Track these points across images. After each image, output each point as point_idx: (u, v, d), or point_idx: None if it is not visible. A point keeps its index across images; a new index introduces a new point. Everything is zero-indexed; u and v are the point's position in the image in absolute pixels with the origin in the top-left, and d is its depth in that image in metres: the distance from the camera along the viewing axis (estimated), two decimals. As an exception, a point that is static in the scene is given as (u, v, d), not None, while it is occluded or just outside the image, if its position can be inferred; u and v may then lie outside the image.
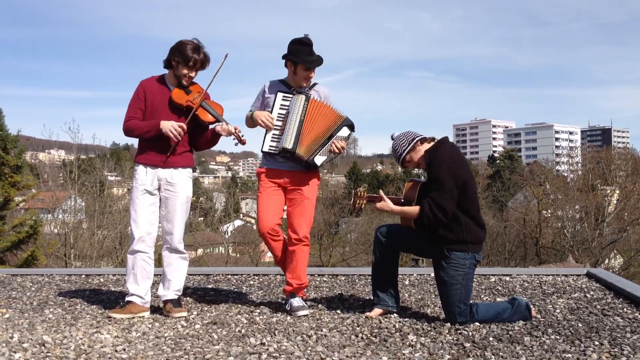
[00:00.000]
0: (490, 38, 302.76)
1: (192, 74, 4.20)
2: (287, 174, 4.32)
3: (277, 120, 4.27)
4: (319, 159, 4.27)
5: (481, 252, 3.99)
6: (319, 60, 4.31)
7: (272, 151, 4.27)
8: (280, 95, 4.31)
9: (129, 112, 4.22)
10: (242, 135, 4.29)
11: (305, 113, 4.24)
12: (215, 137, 4.35)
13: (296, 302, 4.23)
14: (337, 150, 4.29)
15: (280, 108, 4.29)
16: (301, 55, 4.26)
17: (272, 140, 4.28)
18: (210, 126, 4.34)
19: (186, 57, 4.12)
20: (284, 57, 4.35)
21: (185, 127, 4.13)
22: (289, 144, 4.20)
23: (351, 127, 4.34)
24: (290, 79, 4.39)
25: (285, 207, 4.40)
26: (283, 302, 4.47)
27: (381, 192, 4.05)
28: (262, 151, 4.33)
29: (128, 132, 4.22)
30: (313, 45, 4.29)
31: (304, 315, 4.13)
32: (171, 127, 4.09)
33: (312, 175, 4.39)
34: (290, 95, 4.31)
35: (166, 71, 4.29)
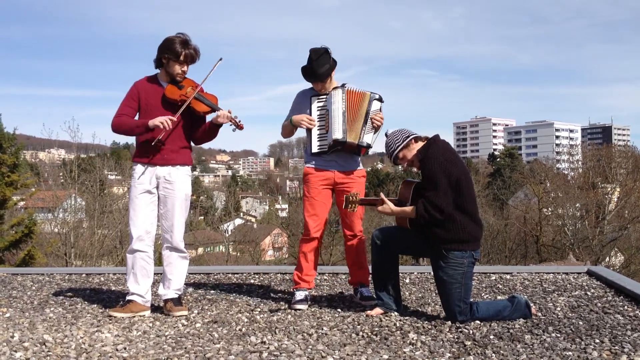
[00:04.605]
0: (491, 36, 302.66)
1: (185, 69, 4.19)
2: (337, 174, 4.43)
3: (318, 120, 4.42)
4: (367, 138, 4.40)
5: (479, 250, 3.97)
6: (324, 74, 4.36)
7: (322, 149, 4.40)
8: (314, 99, 4.47)
9: (120, 109, 4.21)
10: (239, 120, 4.28)
11: (346, 104, 4.38)
12: (214, 128, 4.29)
13: (367, 291, 4.50)
14: (379, 123, 4.42)
15: (318, 109, 4.45)
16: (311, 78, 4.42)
17: (319, 140, 4.42)
18: (208, 118, 4.31)
19: (176, 52, 4.11)
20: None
21: (174, 119, 4.11)
22: (338, 135, 4.33)
23: (380, 99, 4.46)
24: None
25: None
26: (353, 293, 4.62)
27: (382, 194, 4.03)
28: (312, 153, 4.44)
29: (116, 126, 4.19)
30: (316, 58, 4.33)
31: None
32: (159, 119, 4.07)
33: (360, 172, 4.53)
34: (324, 96, 4.46)
35: (158, 71, 4.28)
